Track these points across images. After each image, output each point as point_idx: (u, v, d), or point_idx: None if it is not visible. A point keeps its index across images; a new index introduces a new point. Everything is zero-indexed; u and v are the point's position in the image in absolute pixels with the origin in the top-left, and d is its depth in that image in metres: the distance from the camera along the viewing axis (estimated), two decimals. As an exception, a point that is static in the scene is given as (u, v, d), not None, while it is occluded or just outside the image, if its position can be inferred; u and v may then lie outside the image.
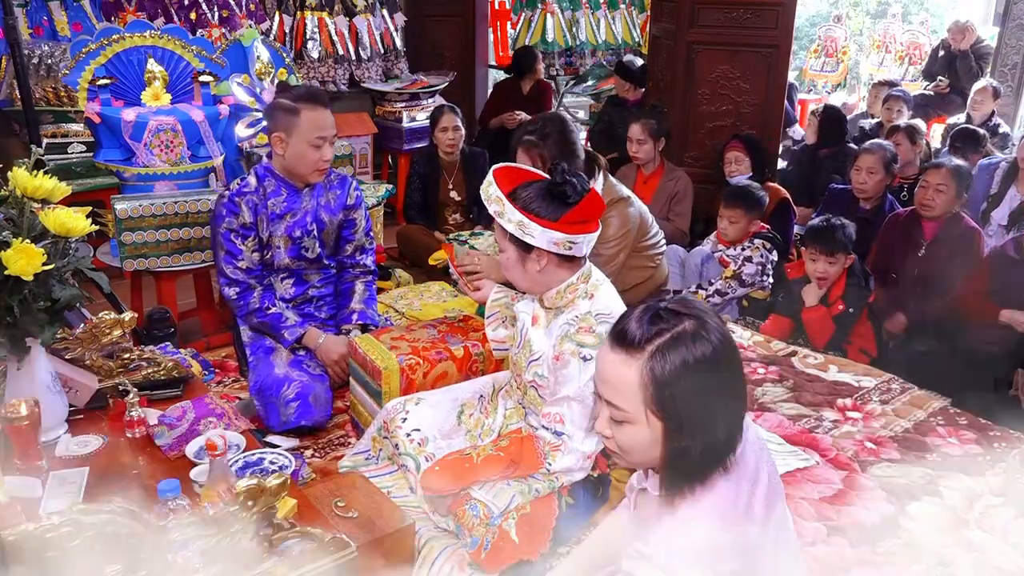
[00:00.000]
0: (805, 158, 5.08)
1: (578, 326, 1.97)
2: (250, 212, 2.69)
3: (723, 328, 1.24)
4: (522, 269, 2.01)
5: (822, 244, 3.25)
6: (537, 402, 2.09)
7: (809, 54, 8.73)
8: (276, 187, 2.71)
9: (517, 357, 2.17)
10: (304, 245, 2.79)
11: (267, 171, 2.72)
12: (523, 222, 1.90)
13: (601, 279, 2.09)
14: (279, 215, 2.72)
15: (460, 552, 1.94)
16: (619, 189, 2.99)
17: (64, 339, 2.05)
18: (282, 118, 2.59)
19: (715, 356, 1.20)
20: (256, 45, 3.82)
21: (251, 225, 2.70)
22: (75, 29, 4.30)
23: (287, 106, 2.58)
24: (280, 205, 2.72)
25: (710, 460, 1.23)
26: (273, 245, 2.76)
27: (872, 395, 2.93)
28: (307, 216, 2.77)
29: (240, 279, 2.73)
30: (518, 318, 2.19)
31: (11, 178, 1.81)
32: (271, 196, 2.71)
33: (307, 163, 2.64)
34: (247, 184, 2.70)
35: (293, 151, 2.62)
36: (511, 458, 1.96)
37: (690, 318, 1.22)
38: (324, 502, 1.74)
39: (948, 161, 3.46)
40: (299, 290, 2.87)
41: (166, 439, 1.87)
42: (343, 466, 2.37)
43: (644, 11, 7.32)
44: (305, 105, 2.58)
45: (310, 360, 2.73)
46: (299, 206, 2.75)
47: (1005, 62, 5.98)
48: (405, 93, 5.42)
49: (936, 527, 2.21)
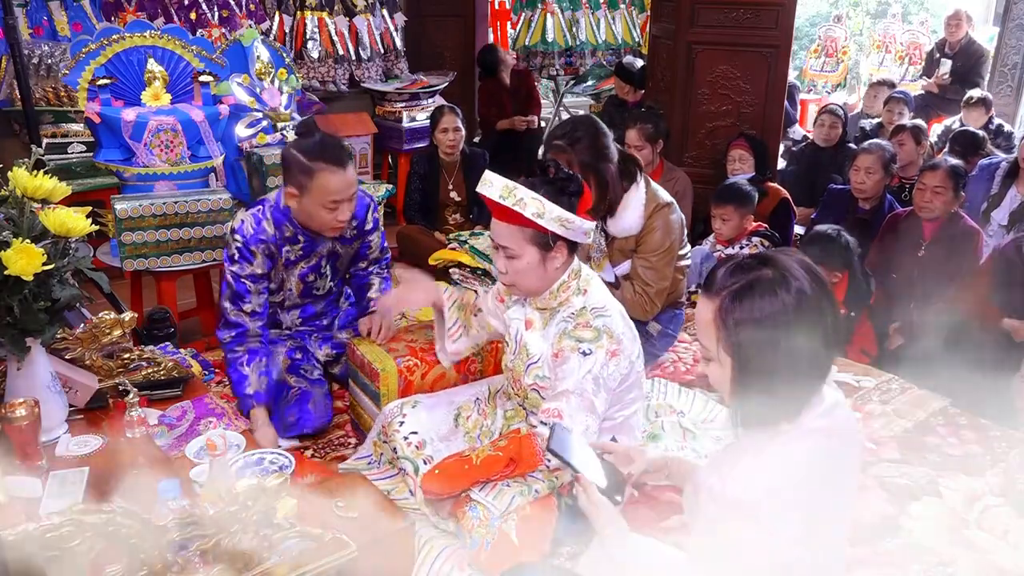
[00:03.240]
0: (806, 158, 5.09)
1: (575, 322, 1.98)
2: (264, 262, 2.51)
3: (809, 286, 1.26)
4: (542, 270, 2.00)
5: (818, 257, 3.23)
6: (539, 404, 2.09)
7: (809, 54, 8.73)
8: (293, 234, 2.52)
9: (514, 363, 2.17)
10: (316, 286, 2.71)
11: (284, 217, 2.50)
12: (562, 217, 1.92)
13: (590, 274, 2.10)
14: (294, 261, 2.59)
15: (460, 552, 1.94)
16: (661, 195, 2.78)
17: (64, 339, 2.05)
18: (296, 174, 2.37)
19: (784, 307, 1.25)
20: (256, 45, 3.82)
21: (263, 276, 2.54)
22: (75, 29, 4.30)
23: (302, 165, 2.35)
24: (296, 252, 2.56)
25: (772, 407, 1.29)
26: (284, 288, 2.66)
27: (872, 395, 2.93)
28: (321, 260, 2.65)
29: (241, 323, 2.54)
30: (509, 325, 2.19)
31: (11, 178, 1.81)
32: (287, 242, 2.52)
33: (322, 223, 2.44)
34: (263, 231, 2.48)
35: (307, 209, 2.42)
36: (510, 456, 1.96)
37: (772, 268, 1.28)
38: (324, 502, 1.74)
39: (944, 162, 3.45)
40: (305, 316, 2.81)
41: (166, 439, 1.87)
42: (343, 468, 2.37)
43: (644, 11, 7.32)
44: (322, 166, 2.34)
45: (307, 363, 2.72)
46: (315, 251, 2.61)
47: (1005, 62, 5.98)
48: (405, 93, 5.42)
49: (936, 527, 2.20)
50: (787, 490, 1.25)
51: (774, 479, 1.26)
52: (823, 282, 1.30)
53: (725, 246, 3.79)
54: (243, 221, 2.49)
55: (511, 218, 1.93)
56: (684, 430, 2.42)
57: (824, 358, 1.30)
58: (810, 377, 1.30)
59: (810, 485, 1.27)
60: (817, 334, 1.27)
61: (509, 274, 2.02)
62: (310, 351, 2.78)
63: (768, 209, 4.03)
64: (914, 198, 3.48)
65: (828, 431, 1.31)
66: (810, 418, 1.31)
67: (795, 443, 1.29)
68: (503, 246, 1.99)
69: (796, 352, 1.26)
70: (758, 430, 1.32)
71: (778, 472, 1.26)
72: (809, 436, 1.29)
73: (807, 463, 1.28)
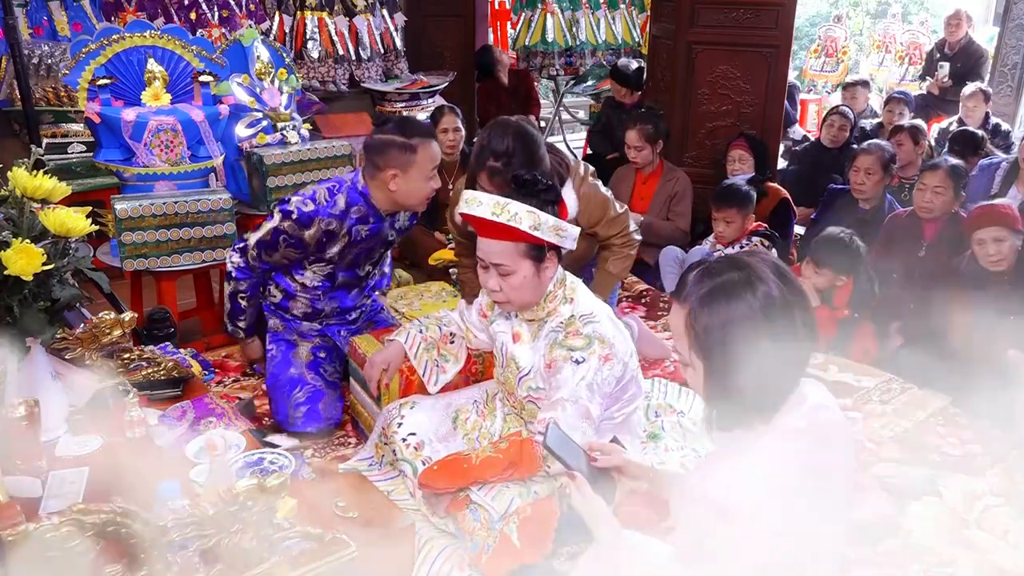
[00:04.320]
0: (809, 158, 5.09)
1: (565, 331, 1.99)
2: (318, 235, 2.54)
3: (777, 288, 1.27)
4: (537, 281, 1.99)
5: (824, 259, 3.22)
6: (536, 414, 2.10)
7: (809, 54, 8.73)
8: (364, 215, 2.58)
9: (504, 376, 2.17)
10: (360, 264, 2.75)
11: (361, 197, 2.56)
12: (558, 225, 1.94)
13: (574, 281, 2.10)
14: (358, 241, 2.63)
15: (460, 552, 1.94)
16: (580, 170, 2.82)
17: (64, 339, 2.05)
18: (397, 156, 2.47)
19: (750, 310, 1.26)
20: (256, 45, 3.82)
21: (302, 244, 2.56)
22: (75, 29, 4.30)
23: (403, 144, 2.46)
24: (364, 232, 2.62)
25: (745, 409, 1.30)
26: (341, 263, 2.68)
27: (872, 395, 2.93)
28: (379, 242, 2.71)
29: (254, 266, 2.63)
30: (495, 339, 2.19)
31: (11, 178, 1.81)
32: (357, 223, 2.58)
33: (420, 195, 2.54)
34: (333, 204, 2.53)
35: (408, 186, 2.50)
36: (510, 460, 1.95)
37: (739, 271, 1.29)
38: (324, 502, 1.74)
39: (944, 162, 3.44)
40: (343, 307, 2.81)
41: (166, 439, 1.87)
42: (344, 468, 2.37)
43: (644, 11, 7.31)
44: (420, 141, 2.48)
45: (329, 364, 2.71)
46: (380, 233, 2.67)
47: (1005, 62, 5.98)
48: (405, 93, 5.42)
49: (936, 527, 2.20)
50: (764, 491, 1.25)
51: (751, 481, 1.26)
52: (793, 283, 1.29)
53: (725, 246, 3.79)
54: (315, 191, 2.55)
55: (503, 234, 1.91)
56: (684, 430, 2.42)
57: (796, 359, 1.31)
58: (782, 378, 1.30)
59: (787, 486, 1.26)
60: (787, 335, 1.27)
61: (504, 291, 1.99)
62: (335, 350, 2.77)
63: (768, 209, 4.03)
64: (914, 198, 3.47)
65: (807, 432, 1.30)
66: (789, 419, 1.30)
67: (772, 444, 1.29)
68: (496, 264, 1.96)
69: (765, 354, 1.25)
70: (735, 432, 1.32)
71: (754, 473, 1.26)
72: (787, 437, 1.29)
73: (783, 464, 1.27)
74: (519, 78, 5.81)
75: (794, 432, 1.29)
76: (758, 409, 1.31)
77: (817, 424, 1.32)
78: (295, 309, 2.75)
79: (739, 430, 1.32)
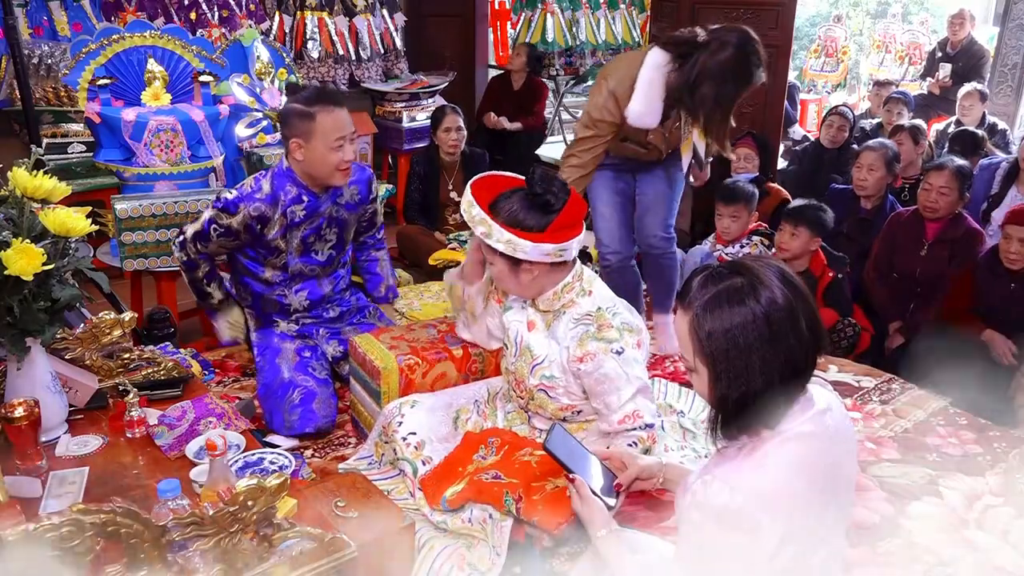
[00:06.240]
0: (809, 157, 5.08)
1: (597, 324, 2.01)
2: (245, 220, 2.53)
3: (781, 293, 1.26)
4: (515, 279, 2.04)
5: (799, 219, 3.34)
6: (546, 404, 2.10)
7: (809, 54, 8.73)
8: (297, 194, 2.57)
9: (515, 366, 2.17)
10: (315, 248, 2.72)
11: (287, 177, 2.57)
12: (512, 240, 1.93)
13: (592, 275, 2.11)
14: (297, 223, 2.61)
15: (460, 552, 1.94)
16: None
17: (64, 339, 2.05)
18: (297, 123, 2.47)
19: (753, 316, 1.25)
20: (256, 45, 3.82)
21: (232, 232, 2.56)
22: (75, 29, 4.30)
23: (300, 111, 2.46)
24: (300, 212, 2.60)
25: (749, 413, 1.29)
26: (290, 250, 2.67)
27: (872, 395, 2.93)
28: (323, 220, 2.68)
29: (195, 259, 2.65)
30: (508, 328, 2.20)
31: (11, 178, 1.81)
32: (290, 203, 2.57)
33: (328, 166, 2.51)
34: (259, 189, 2.54)
35: (313, 156, 2.49)
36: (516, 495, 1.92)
37: (743, 277, 1.29)
38: (324, 502, 1.74)
39: (950, 162, 3.43)
40: (313, 299, 2.80)
41: (166, 439, 1.87)
42: (344, 468, 2.37)
43: (644, 11, 7.31)
44: (320, 107, 2.45)
45: (316, 362, 2.71)
46: (318, 211, 2.64)
47: (1005, 62, 5.98)
48: (405, 93, 5.42)
49: (936, 527, 2.21)
50: (768, 497, 1.24)
51: (755, 486, 1.25)
52: (798, 288, 1.29)
53: (725, 246, 3.79)
54: (245, 180, 2.61)
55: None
56: (684, 430, 2.42)
57: (802, 364, 1.29)
58: (787, 383, 1.29)
59: (793, 491, 1.26)
60: (791, 341, 1.26)
61: (495, 278, 2.09)
62: (319, 349, 2.77)
63: (769, 209, 4.03)
64: (919, 198, 3.46)
65: (814, 436, 1.29)
66: (796, 423, 1.30)
67: (777, 449, 1.28)
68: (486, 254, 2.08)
69: (770, 360, 1.25)
70: (741, 437, 1.32)
71: (759, 479, 1.26)
72: (793, 442, 1.28)
73: (789, 469, 1.27)
74: (532, 85, 5.75)
75: (801, 437, 1.29)
76: (764, 415, 1.30)
77: (824, 428, 1.31)
78: (267, 307, 2.75)
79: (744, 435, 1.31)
